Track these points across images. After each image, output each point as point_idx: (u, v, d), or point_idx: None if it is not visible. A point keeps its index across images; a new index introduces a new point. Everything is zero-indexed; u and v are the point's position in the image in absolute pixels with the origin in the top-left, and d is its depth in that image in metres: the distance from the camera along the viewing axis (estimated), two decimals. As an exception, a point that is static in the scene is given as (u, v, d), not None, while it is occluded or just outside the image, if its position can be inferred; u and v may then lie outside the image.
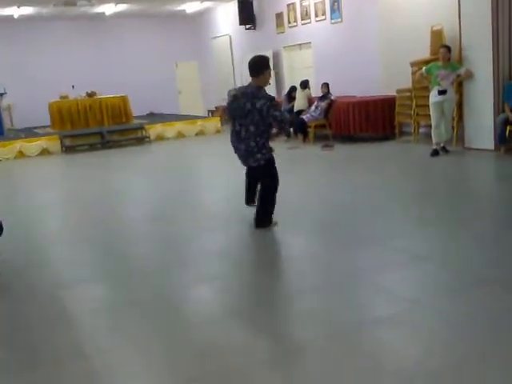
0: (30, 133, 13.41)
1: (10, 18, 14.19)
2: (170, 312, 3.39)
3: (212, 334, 3.06)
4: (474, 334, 2.77)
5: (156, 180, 8.26)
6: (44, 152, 12.15)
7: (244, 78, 14.75)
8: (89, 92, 13.61)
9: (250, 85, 4.60)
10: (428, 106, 7.91)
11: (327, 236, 4.71)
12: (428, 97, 7.89)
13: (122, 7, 14.48)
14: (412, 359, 2.59)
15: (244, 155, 4.71)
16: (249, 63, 4.58)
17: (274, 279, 3.85)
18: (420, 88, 8.56)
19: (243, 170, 5.12)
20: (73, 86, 13.66)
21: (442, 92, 7.63)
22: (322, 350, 2.77)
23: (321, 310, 3.24)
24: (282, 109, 11.35)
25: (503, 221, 4.82)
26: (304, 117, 10.47)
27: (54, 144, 12.35)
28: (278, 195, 4.87)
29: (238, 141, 4.67)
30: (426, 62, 8.15)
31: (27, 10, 13.65)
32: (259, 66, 4.52)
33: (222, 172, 8.17)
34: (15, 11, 13.49)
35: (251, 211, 5.05)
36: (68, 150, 12.32)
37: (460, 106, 8.03)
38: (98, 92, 13.83)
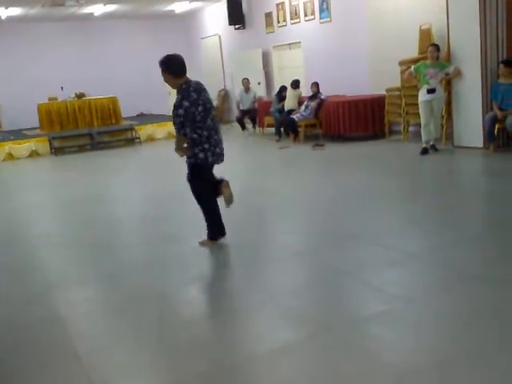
0: (18, 135, 13.31)
1: (-3, 19, 14.09)
2: (162, 312, 3.39)
3: (203, 333, 3.06)
4: (464, 331, 2.79)
5: (147, 181, 8.24)
6: (33, 154, 12.08)
7: (234, 78, 14.77)
8: (78, 93, 13.54)
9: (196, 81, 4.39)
10: (417, 104, 7.96)
11: (317, 235, 4.72)
12: (417, 96, 7.94)
13: (110, 8, 14.40)
14: (403, 356, 2.61)
15: (223, 151, 4.51)
16: (178, 62, 4.22)
17: (264, 278, 3.85)
18: (409, 87, 8.60)
19: (236, 167, 5.10)
20: (62, 88, 13.58)
21: (430, 91, 7.67)
22: (312, 348, 2.78)
23: (311, 309, 3.25)
24: (272, 108, 11.38)
25: (492, 218, 4.86)
26: (294, 116, 10.49)
27: (43, 146, 12.28)
28: (272, 194, 4.87)
29: (220, 138, 4.47)
30: (415, 61, 8.19)
31: (15, 11, 13.54)
32: None
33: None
34: (2, 12, 13.36)
35: (243, 209, 5.06)
36: (57, 151, 12.25)
37: (449, 104, 8.08)
38: (87, 93, 13.76)
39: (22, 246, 5.12)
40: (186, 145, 4.32)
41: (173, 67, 4.23)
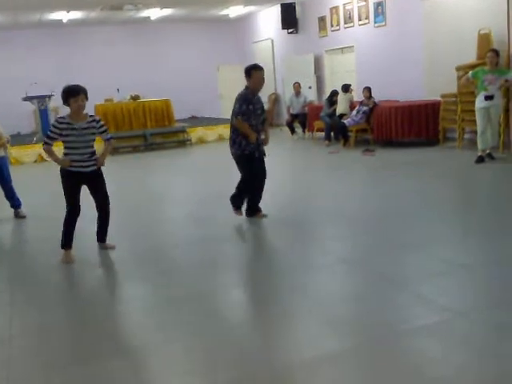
0: (76, 134, 13.74)
1: (59, 22, 14.63)
2: (209, 314, 3.42)
3: (248, 338, 3.08)
4: (519, 348, 2.69)
5: (197, 182, 8.36)
6: (89, 153, 12.46)
7: (285, 82, 14.77)
8: (133, 95, 13.88)
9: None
10: (474, 111, 7.73)
11: (367, 242, 4.66)
12: (474, 102, 7.71)
13: (167, 12, 14.72)
14: (449, 371, 2.53)
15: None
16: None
17: (311, 285, 3.83)
18: (466, 93, 8.37)
19: (284, 172, 5.11)
20: (118, 90, 13.96)
21: (488, 97, 7.43)
22: (357, 359, 2.74)
23: (358, 318, 3.21)
24: (323, 113, 11.32)
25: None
26: (345, 121, 10.40)
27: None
28: (320, 199, 4.85)
29: None
30: (473, 67, 7.96)
31: (76, 15, 14.04)
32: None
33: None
34: (64, 16, 13.90)
35: (291, 214, 5.03)
36: (112, 151, 12.58)
37: (507, 111, 7.81)
38: (142, 95, 14.09)
39: (79, 242, 5.28)
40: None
41: None
